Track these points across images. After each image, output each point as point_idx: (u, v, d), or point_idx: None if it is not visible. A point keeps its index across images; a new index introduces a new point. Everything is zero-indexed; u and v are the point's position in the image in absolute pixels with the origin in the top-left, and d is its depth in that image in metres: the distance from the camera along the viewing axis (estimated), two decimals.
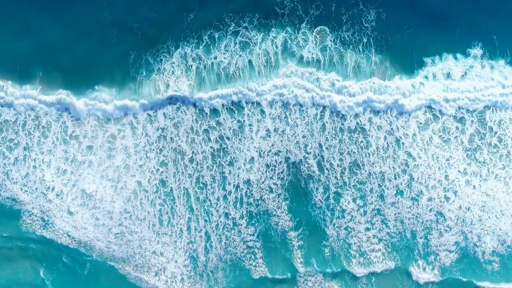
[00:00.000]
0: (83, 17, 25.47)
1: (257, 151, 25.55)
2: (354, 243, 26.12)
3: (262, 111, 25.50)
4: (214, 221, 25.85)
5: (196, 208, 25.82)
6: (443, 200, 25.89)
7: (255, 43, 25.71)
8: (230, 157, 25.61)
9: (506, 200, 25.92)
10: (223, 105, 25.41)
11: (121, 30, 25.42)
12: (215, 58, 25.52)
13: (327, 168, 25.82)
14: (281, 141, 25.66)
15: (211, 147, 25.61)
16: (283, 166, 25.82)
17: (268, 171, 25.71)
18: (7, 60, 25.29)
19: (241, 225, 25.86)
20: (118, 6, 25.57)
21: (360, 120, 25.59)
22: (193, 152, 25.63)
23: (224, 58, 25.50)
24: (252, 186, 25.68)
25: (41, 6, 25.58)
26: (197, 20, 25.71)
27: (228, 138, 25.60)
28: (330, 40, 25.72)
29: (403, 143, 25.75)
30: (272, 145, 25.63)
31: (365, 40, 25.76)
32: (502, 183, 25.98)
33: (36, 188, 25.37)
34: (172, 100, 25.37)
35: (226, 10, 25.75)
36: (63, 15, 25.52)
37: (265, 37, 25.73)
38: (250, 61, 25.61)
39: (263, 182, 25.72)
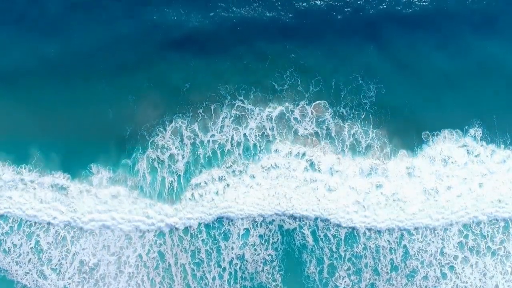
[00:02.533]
0: (81, 90, 25.46)
1: (250, 222, 25.39)
2: None
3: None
4: None
5: (194, 287, 25.56)
6: (439, 276, 25.61)
7: (251, 116, 25.50)
8: (225, 228, 25.48)
9: (503, 282, 25.62)
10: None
11: (118, 103, 25.31)
12: (212, 136, 25.34)
13: (321, 239, 25.62)
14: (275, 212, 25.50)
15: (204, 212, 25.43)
16: (277, 236, 25.63)
17: (262, 242, 25.53)
18: (4, 141, 25.20)
19: None
20: (115, 78, 25.51)
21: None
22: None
23: (221, 136, 25.32)
24: (247, 260, 25.54)
25: (37, 82, 25.67)
26: (192, 91, 25.54)
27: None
28: (329, 115, 25.49)
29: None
30: (266, 215, 25.38)
31: (363, 116, 25.50)
32: (499, 262, 25.65)
33: (29, 260, 25.01)
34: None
35: (221, 82, 25.59)
36: (61, 90, 25.53)
37: (261, 111, 25.53)
38: (245, 134, 25.45)
39: (258, 255, 25.56)
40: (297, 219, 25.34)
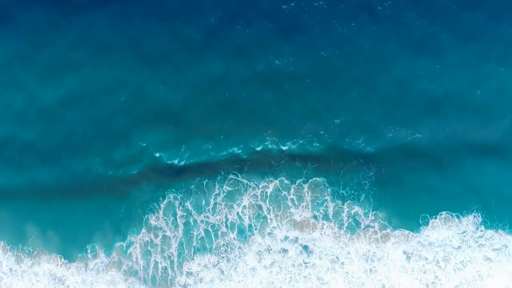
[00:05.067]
0: (76, 166, 25.29)
1: None
2: None
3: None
4: None
5: None
6: None
7: (244, 191, 24.80)
8: None
9: None
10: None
11: (111, 179, 24.99)
12: (206, 217, 24.66)
13: None
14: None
15: None
16: None
17: None
18: (3, 220, 25.14)
19: None
20: (109, 155, 25.26)
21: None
22: None
23: (214, 217, 24.60)
24: None
25: (36, 156, 25.64)
26: (186, 167, 25.06)
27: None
28: (327, 195, 24.75)
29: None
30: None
31: (363, 197, 24.75)
32: None
33: None
34: None
35: (215, 157, 25.05)
36: (58, 167, 25.42)
37: (256, 186, 24.82)
38: (238, 213, 24.68)
39: None
40: None
